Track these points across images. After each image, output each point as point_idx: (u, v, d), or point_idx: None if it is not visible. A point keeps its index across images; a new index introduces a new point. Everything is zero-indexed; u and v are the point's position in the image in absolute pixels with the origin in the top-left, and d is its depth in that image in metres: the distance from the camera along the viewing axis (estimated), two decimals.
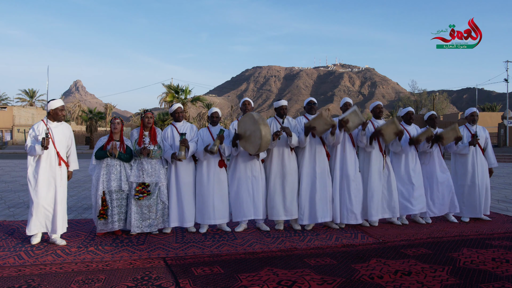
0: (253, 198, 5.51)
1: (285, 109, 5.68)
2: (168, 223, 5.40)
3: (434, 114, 6.40)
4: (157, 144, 5.34)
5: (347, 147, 5.73)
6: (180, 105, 5.76)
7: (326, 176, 5.61)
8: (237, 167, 5.58)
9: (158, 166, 5.33)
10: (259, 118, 5.08)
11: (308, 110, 5.84)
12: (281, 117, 5.62)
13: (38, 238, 4.83)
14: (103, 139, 5.32)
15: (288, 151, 5.61)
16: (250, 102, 5.84)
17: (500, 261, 4.19)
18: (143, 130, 5.37)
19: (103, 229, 5.13)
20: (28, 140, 4.74)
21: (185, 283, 3.53)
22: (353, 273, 3.80)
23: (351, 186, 5.64)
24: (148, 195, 5.20)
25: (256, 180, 5.53)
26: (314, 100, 5.95)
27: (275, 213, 5.56)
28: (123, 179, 5.16)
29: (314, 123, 5.35)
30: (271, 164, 5.62)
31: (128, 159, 5.23)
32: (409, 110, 6.26)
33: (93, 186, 5.24)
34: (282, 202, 5.55)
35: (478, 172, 6.28)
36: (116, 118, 5.39)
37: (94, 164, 5.25)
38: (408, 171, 6.02)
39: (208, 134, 5.60)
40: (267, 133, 4.99)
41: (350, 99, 6.08)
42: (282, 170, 5.57)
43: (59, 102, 4.93)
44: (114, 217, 5.09)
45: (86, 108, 44.08)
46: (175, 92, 30.59)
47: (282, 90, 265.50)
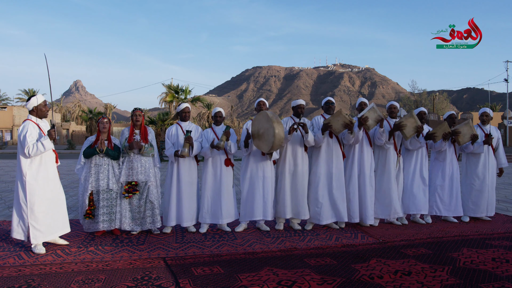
0: (263, 198, 5.52)
1: (302, 108, 5.70)
2: (160, 223, 5.39)
3: (453, 113, 6.43)
4: (149, 143, 5.33)
5: (364, 146, 5.74)
6: (187, 105, 5.75)
7: (341, 176, 5.63)
8: (249, 167, 5.58)
9: (148, 165, 5.31)
10: (272, 116, 5.09)
11: (326, 109, 5.81)
12: (298, 116, 5.64)
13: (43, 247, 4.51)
14: (90, 138, 5.32)
15: (302, 150, 5.61)
16: (265, 102, 5.83)
17: (500, 261, 4.19)
18: (134, 129, 5.36)
19: (88, 228, 5.13)
20: (28, 140, 4.32)
21: (185, 283, 3.53)
22: (353, 273, 3.80)
23: (367, 185, 5.68)
24: (136, 194, 5.20)
25: (267, 180, 5.53)
26: (332, 100, 5.91)
27: (286, 212, 5.55)
28: (111, 178, 5.14)
29: (332, 121, 5.34)
30: (284, 163, 5.61)
31: (116, 157, 5.21)
32: (421, 110, 6.21)
33: (80, 185, 5.21)
34: (293, 202, 5.56)
35: (489, 172, 6.30)
36: (104, 117, 5.36)
37: (83, 163, 5.22)
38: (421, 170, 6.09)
39: (212, 134, 5.60)
40: (281, 131, 4.99)
41: (365, 99, 6.09)
42: (295, 170, 5.58)
43: (41, 97, 4.60)
44: (99, 217, 5.04)
45: (86, 108, 44.14)
46: (175, 92, 30.56)
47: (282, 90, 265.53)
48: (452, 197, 6.18)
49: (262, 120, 5.21)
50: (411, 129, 5.71)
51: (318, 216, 5.55)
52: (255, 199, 5.50)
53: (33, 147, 4.32)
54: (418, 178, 6.07)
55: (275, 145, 5.01)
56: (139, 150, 5.21)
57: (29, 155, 4.35)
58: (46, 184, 4.51)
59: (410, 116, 5.73)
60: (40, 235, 4.44)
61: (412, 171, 6.07)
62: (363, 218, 5.72)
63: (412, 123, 5.70)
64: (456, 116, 6.50)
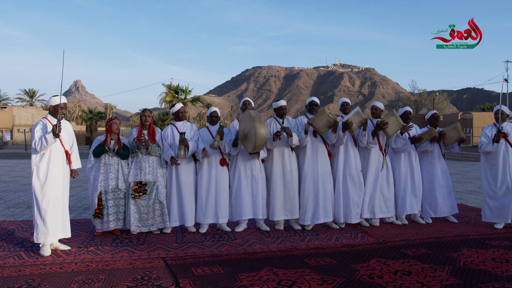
0: (252, 197, 5.52)
1: (284, 109, 5.68)
2: (169, 222, 5.40)
3: (436, 113, 6.38)
4: (156, 143, 5.36)
5: (349, 146, 5.74)
6: (182, 105, 5.82)
7: (328, 176, 5.61)
8: (237, 167, 5.59)
9: (156, 165, 5.34)
10: (255, 116, 5.10)
11: (309, 110, 5.82)
12: (281, 117, 5.61)
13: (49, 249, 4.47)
14: (100, 138, 5.37)
15: (288, 151, 5.61)
16: (250, 102, 5.85)
17: (500, 261, 4.19)
18: (142, 129, 5.41)
19: (100, 228, 5.16)
20: (35, 134, 4.42)
21: (185, 283, 3.53)
22: (353, 273, 3.80)
23: (354, 185, 5.66)
24: (145, 194, 5.21)
25: (256, 179, 5.53)
26: (317, 100, 5.89)
27: (276, 213, 5.56)
28: (120, 178, 5.19)
29: (316, 120, 5.33)
30: (272, 164, 5.62)
31: (125, 156, 5.26)
32: (406, 110, 6.21)
33: (90, 185, 5.25)
34: (283, 202, 5.55)
35: (510, 173, 5.79)
36: (117, 119, 5.44)
37: (93, 162, 5.26)
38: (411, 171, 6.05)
39: (207, 133, 5.62)
40: (262, 131, 4.99)
41: (347, 99, 6.05)
42: (282, 170, 5.57)
43: (63, 98, 4.64)
44: (109, 217, 5.10)
45: (86, 108, 44.05)
46: (175, 92, 30.60)
47: (282, 90, 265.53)
48: (447, 196, 6.15)
49: (246, 120, 5.24)
50: (393, 127, 5.71)
51: (302, 216, 5.55)
52: (244, 198, 5.50)
53: (39, 141, 4.37)
54: (409, 179, 6.03)
55: (257, 144, 5.02)
56: (147, 148, 5.24)
57: (36, 149, 4.41)
58: (54, 183, 4.47)
59: (391, 114, 5.73)
60: (47, 235, 4.39)
61: (403, 172, 6.04)
62: (348, 218, 5.66)
63: (393, 122, 5.69)
64: (438, 116, 6.43)
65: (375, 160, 5.84)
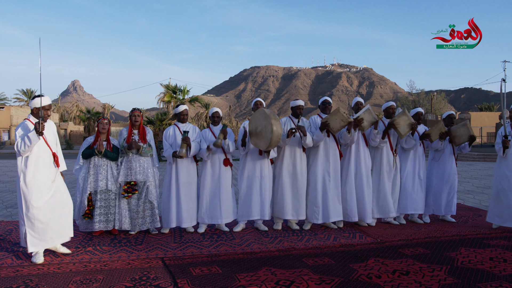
0: (261, 198, 5.52)
1: (301, 108, 5.70)
2: (165, 223, 5.39)
3: (452, 113, 6.38)
4: (147, 143, 5.33)
5: (360, 146, 5.76)
6: (186, 107, 5.75)
7: (338, 176, 5.65)
8: (246, 167, 5.58)
9: (147, 165, 5.30)
10: (270, 113, 5.10)
11: (323, 109, 5.82)
12: (297, 116, 5.62)
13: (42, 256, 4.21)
14: (89, 139, 5.32)
15: (300, 151, 5.61)
16: (262, 102, 5.84)
17: (497, 260, 4.20)
18: (132, 129, 5.37)
19: (86, 227, 5.13)
20: (17, 137, 4.10)
21: (183, 283, 3.52)
22: (351, 273, 3.80)
23: (366, 184, 5.69)
24: (135, 194, 5.19)
25: (264, 180, 5.53)
26: (329, 99, 5.92)
27: (285, 212, 5.55)
28: (109, 179, 5.14)
29: (330, 119, 5.34)
30: (282, 163, 5.61)
31: (114, 158, 5.22)
32: (419, 111, 6.20)
33: (78, 185, 5.21)
34: (292, 202, 5.56)
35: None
36: (104, 118, 5.37)
37: (81, 164, 5.22)
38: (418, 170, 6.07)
39: (210, 134, 5.60)
40: (278, 127, 4.99)
41: (361, 99, 6.09)
42: (293, 170, 5.58)
43: (46, 100, 4.26)
44: (96, 218, 5.05)
45: (84, 108, 44.02)
46: (173, 92, 30.56)
47: (280, 90, 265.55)
48: (447, 197, 6.16)
49: (259, 118, 5.21)
50: (405, 127, 5.71)
51: (315, 215, 5.56)
52: (253, 199, 5.50)
53: (21, 141, 4.06)
54: (415, 178, 6.07)
55: (272, 141, 5.01)
56: (138, 150, 5.20)
57: (18, 151, 4.09)
58: (43, 188, 4.18)
59: (403, 113, 5.71)
60: (39, 243, 4.14)
61: (409, 171, 6.06)
62: (362, 217, 5.73)
63: (405, 121, 5.69)
64: (455, 116, 6.38)
65: (385, 159, 5.87)
